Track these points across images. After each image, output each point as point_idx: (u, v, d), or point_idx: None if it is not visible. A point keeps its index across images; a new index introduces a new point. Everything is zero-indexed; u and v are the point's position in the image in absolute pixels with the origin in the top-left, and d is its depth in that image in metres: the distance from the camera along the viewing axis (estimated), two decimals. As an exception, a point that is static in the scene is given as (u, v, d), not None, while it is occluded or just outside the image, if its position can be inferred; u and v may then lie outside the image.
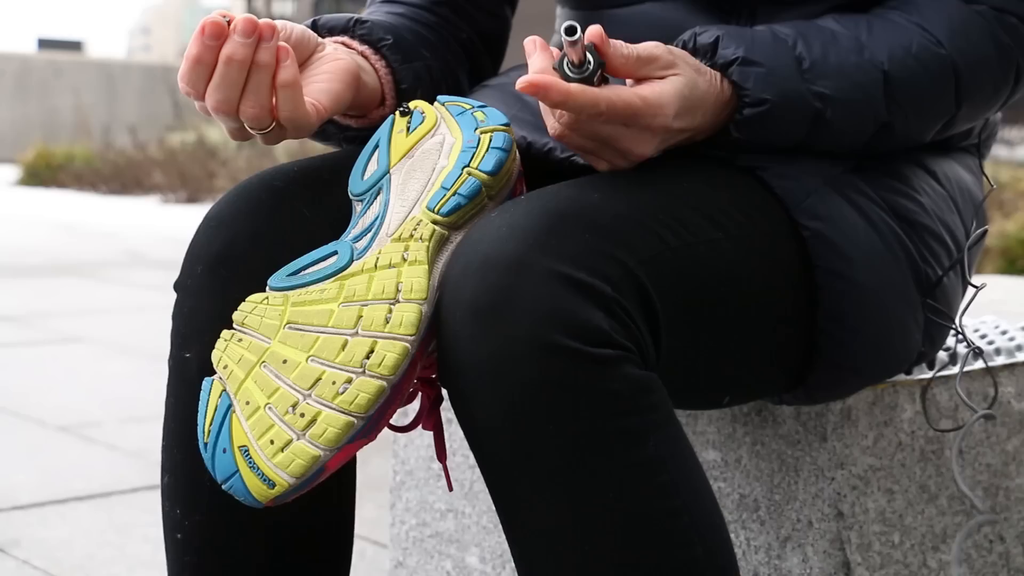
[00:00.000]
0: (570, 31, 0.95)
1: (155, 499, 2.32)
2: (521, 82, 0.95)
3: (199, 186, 10.79)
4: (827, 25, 1.11)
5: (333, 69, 1.07)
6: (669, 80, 1.00)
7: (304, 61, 1.07)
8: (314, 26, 1.16)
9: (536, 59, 1.00)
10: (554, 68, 0.98)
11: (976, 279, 1.22)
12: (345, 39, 1.15)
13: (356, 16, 1.17)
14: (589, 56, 0.98)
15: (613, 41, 0.99)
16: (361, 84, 1.10)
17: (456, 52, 1.27)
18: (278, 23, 1.04)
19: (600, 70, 0.98)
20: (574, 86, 0.96)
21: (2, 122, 18.70)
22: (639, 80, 1.01)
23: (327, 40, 1.13)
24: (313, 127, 1.04)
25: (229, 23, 0.98)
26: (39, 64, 19.86)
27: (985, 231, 1.22)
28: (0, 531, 2.15)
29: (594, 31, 0.97)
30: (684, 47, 1.06)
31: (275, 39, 0.99)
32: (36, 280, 5.52)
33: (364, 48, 1.15)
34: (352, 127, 1.17)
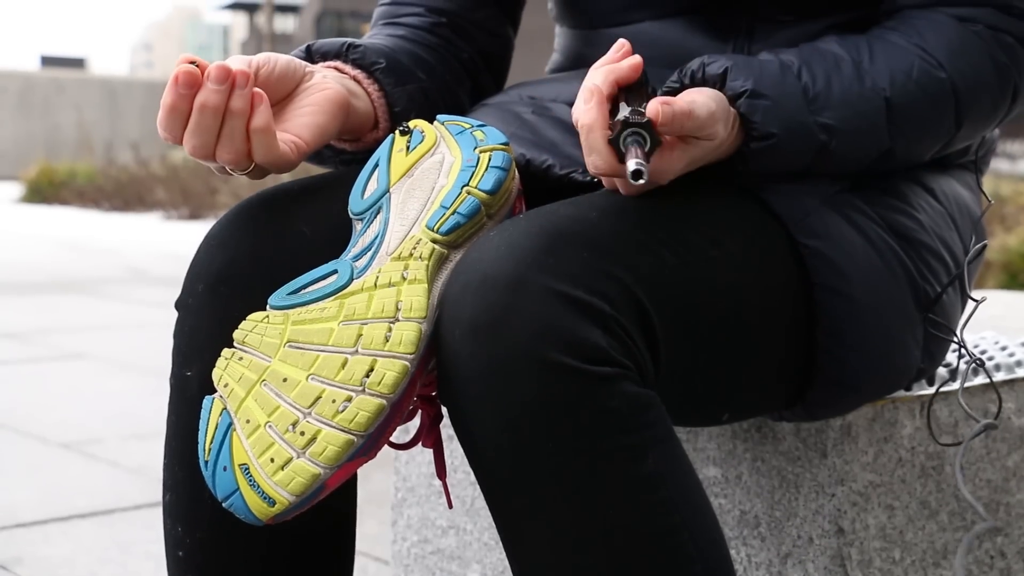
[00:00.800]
0: (636, 175, 0.93)
1: (157, 516, 2.31)
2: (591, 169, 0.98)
3: (201, 203, 10.82)
4: (829, 49, 1.11)
5: (318, 101, 1.07)
6: (696, 145, 1.00)
7: (291, 92, 1.08)
8: (308, 51, 1.17)
9: (589, 111, 0.98)
10: (610, 142, 0.96)
11: (976, 294, 1.22)
12: (338, 64, 1.16)
13: (350, 41, 1.17)
14: (645, 137, 0.95)
15: (673, 114, 0.96)
16: (351, 110, 1.11)
17: (457, 72, 1.27)
18: (261, 58, 1.05)
19: (653, 149, 0.96)
20: (599, 156, 0.96)
21: (5, 139, 18.73)
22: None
23: (318, 66, 1.13)
24: (293, 165, 1.05)
25: (203, 71, 1.00)
26: (42, 81, 19.92)
27: (984, 247, 1.23)
28: (2, 548, 2.15)
29: (655, 112, 0.95)
30: (692, 77, 1.06)
31: (249, 85, 1.00)
32: (38, 297, 5.52)
33: (357, 72, 1.15)
34: (347, 151, 1.18)
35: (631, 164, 0.93)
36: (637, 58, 1.02)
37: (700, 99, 0.99)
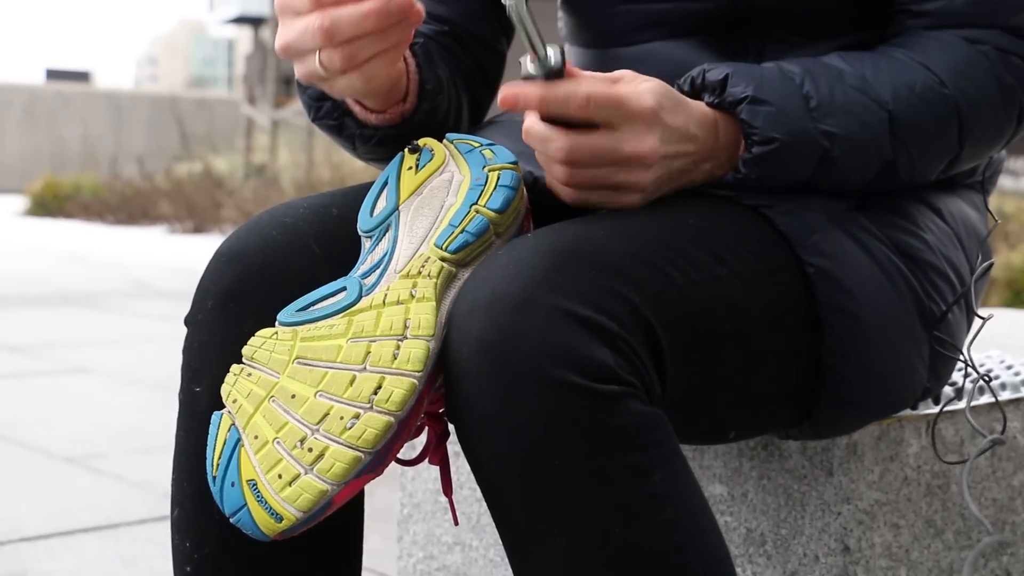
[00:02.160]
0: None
1: (162, 531, 2.32)
2: (500, 100, 0.99)
3: (206, 216, 10.84)
4: (833, 63, 1.12)
5: (395, 60, 1.08)
6: (640, 81, 1.02)
7: None
8: None
9: (527, 124, 1.02)
10: (523, 78, 0.99)
11: (982, 312, 1.22)
12: None
13: None
14: (551, 52, 0.98)
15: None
16: (400, 71, 1.12)
17: (457, 81, 1.28)
18: None
19: (563, 68, 0.99)
20: (546, 85, 0.98)
21: (10, 153, 18.76)
22: None
23: None
24: (361, 94, 1.07)
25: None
26: (47, 95, 19.96)
27: (990, 266, 1.23)
28: (7, 563, 2.15)
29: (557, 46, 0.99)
30: (692, 83, 1.08)
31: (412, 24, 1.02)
32: (43, 310, 5.53)
33: None
34: (369, 125, 1.17)
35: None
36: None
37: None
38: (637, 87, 1.02)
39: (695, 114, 1.05)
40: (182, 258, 8.21)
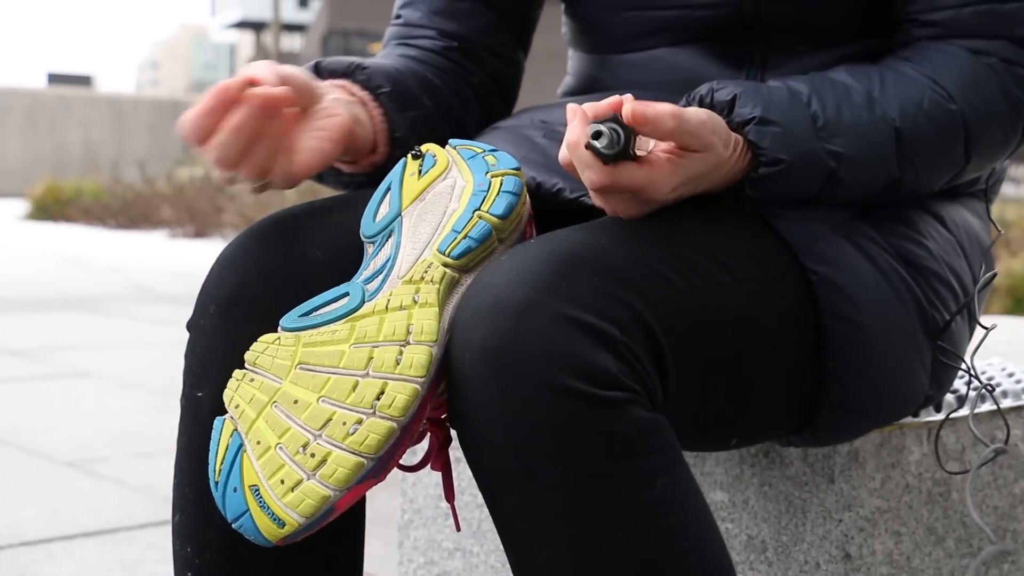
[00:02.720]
0: (596, 135, 0.96)
1: (162, 535, 2.32)
2: (569, 109, 1.00)
3: (207, 221, 10.84)
4: (840, 79, 1.11)
5: (328, 126, 1.09)
6: (691, 157, 1.00)
7: (306, 111, 1.09)
8: (316, 68, 1.18)
9: (572, 129, 1.00)
10: (585, 146, 0.97)
11: (984, 320, 1.22)
12: (346, 83, 1.17)
13: (358, 61, 1.19)
14: (621, 134, 0.96)
15: (658, 112, 0.96)
16: (354, 137, 1.12)
17: (466, 96, 1.28)
18: (287, 72, 1.06)
19: (626, 146, 0.97)
20: (580, 148, 0.97)
21: (12, 157, 18.77)
22: (674, 147, 1.00)
23: (327, 83, 1.15)
24: (297, 184, 1.07)
25: (246, 88, 1.01)
26: (48, 99, 19.97)
27: (993, 275, 1.23)
28: (7, 568, 2.15)
29: (627, 112, 0.96)
30: (701, 102, 1.07)
31: (287, 106, 1.03)
32: (44, 314, 5.53)
33: (364, 95, 1.17)
34: (344, 172, 1.19)
35: (591, 128, 0.95)
36: (628, 96, 1.01)
37: (691, 108, 0.99)
38: (667, 175, 0.99)
39: (715, 175, 1.04)
40: (183, 262, 8.21)
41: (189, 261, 8.25)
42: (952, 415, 1.31)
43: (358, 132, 1.14)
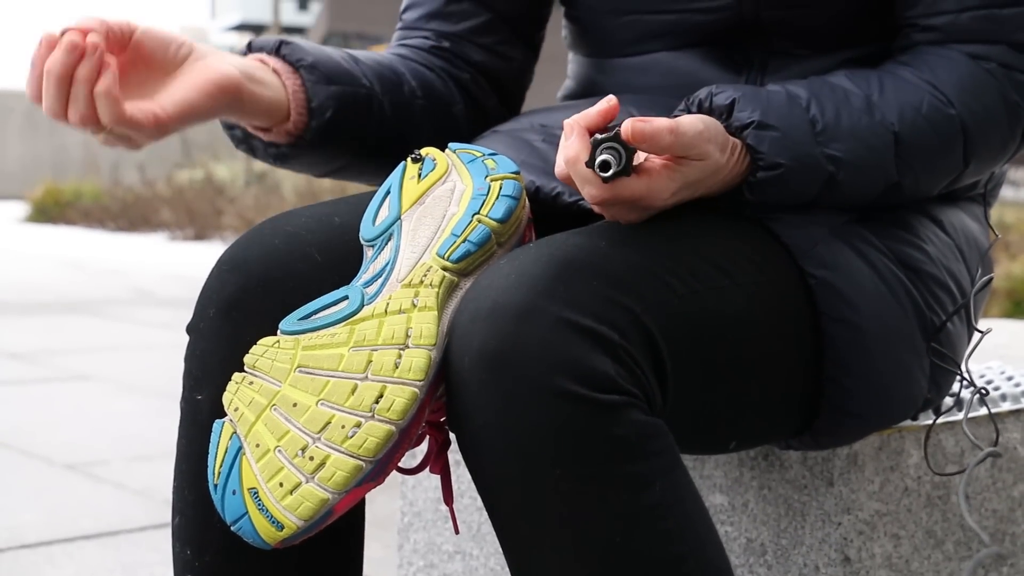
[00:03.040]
0: (604, 167, 0.96)
1: (162, 538, 2.32)
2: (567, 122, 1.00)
3: (206, 223, 10.83)
4: (839, 83, 1.12)
5: (194, 80, 1.09)
6: (688, 164, 1.00)
7: (173, 70, 1.10)
8: (248, 48, 1.21)
9: (571, 145, 1.00)
10: (586, 164, 0.98)
11: (982, 323, 1.22)
12: (262, 56, 1.19)
13: (285, 39, 1.21)
14: (623, 154, 0.97)
15: (656, 129, 0.96)
16: (246, 95, 1.13)
17: (450, 91, 1.29)
18: (134, 27, 1.09)
19: (626, 166, 0.97)
20: (579, 163, 0.98)
21: (11, 159, 18.77)
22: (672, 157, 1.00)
23: (247, 58, 1.17)
24: (152, 135, 1.07)
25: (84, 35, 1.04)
26: (49, 101, 19.92)
27: (991, 279, 1.23)
28: (7, 570, 2.15)
29: (627, 130, 0.96)
30: (699, 106, 1.07)
31: (98, 54, 1.03)
32: (44, 317, 5.53)
33: (278, 64, 1.18)
34: (273, 144, 1.20)
35: (599, 158, 0.95)
36: (612, 98, 1.02)
37: (687, 119, 1.00)
38: (664, 181, 0.99)
39: (713, 180, 1.04)
40: (183, 265, 8.21)
41: (189, 264, 8.25)
42: (948, 419, 1.31)
43: (256, 92, 1.14)
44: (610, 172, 0.96)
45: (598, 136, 0.97)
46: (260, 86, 1.14)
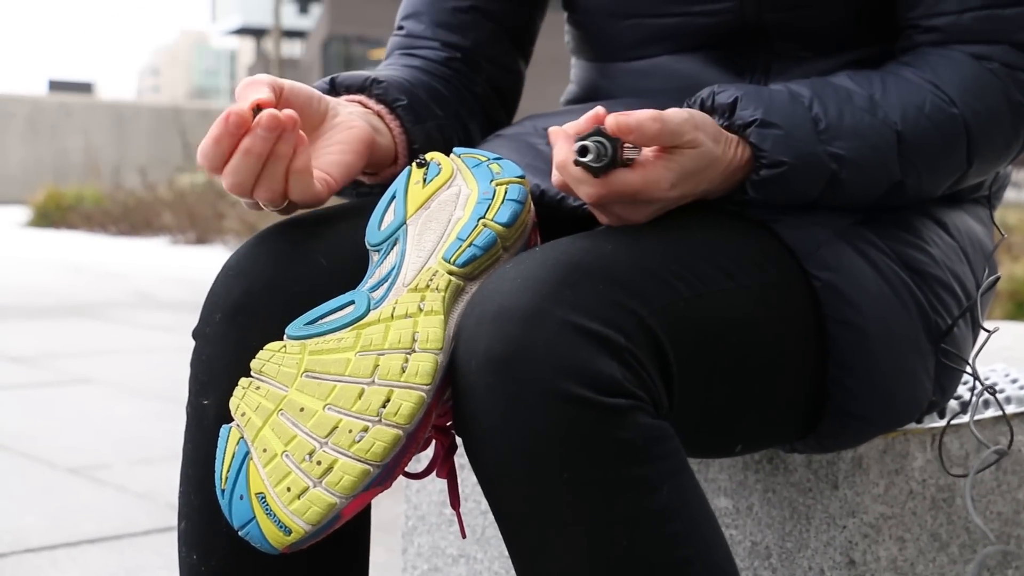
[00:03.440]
0: (582, 151, 0.97)
1: (166, 541, 2.32)
2: (551, 131, 1.01)
3: (208, 227, 10.83)
4: (842, 83, 1.12)
5: (347, 139, 1.09)
6: (680, 153, 1.01)
7: (317, 127, 1.10)
8: (332, 84, 1.19)
9: (558, 151, 1.01)
10: (574, 163, 0.99)
11: (987, 325, 1.22)
12: (362, 98, 1.18)
13: (372, 76, 1.19)
14: (608, 147, 0.98)
15: (640, 119, 0.98)
16: (375, 147, 1.13)
17: (470, 105, 1.29)
18: (287, 86, 1.06)
19: (614, 156, 0.99)
20: (570, 164, 0.99)
21: (13, 163, 18.78)
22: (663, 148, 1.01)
23: (342, 99, 1.15)
24: (323, 201, 1.07)
25: (256, 111, 1.01)
26: (49, 106, 19.98)
27: (997, 279, 1.23)
28: (10, 574, 2.15)
29: (611, 123, 0.98)
30: (702, 106, 1.08)
31: (295, 130, 1.02)
32: (45, 321, 5.53)
33: (380, 108, 1.17)
34: (364, 183, 1.20)
35: (576, 145, 0.96)
36: (599, 108, 1.02)
37: (672, 109, 1.01)
38: (662, 172, 1.00)
39: (712, 173, 1.04)
40: (184, 269, 8.21)
41: (190, 267, 8.26)
42: (955, 421, 1.31)
43: (379, 142, 1.14)
44: (592, 159, 0.96)
45: (580, 135, 0.98)
46: (379, 136, 1.15)
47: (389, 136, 1.17)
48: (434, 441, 1.04)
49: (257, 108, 1.01)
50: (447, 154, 1.08)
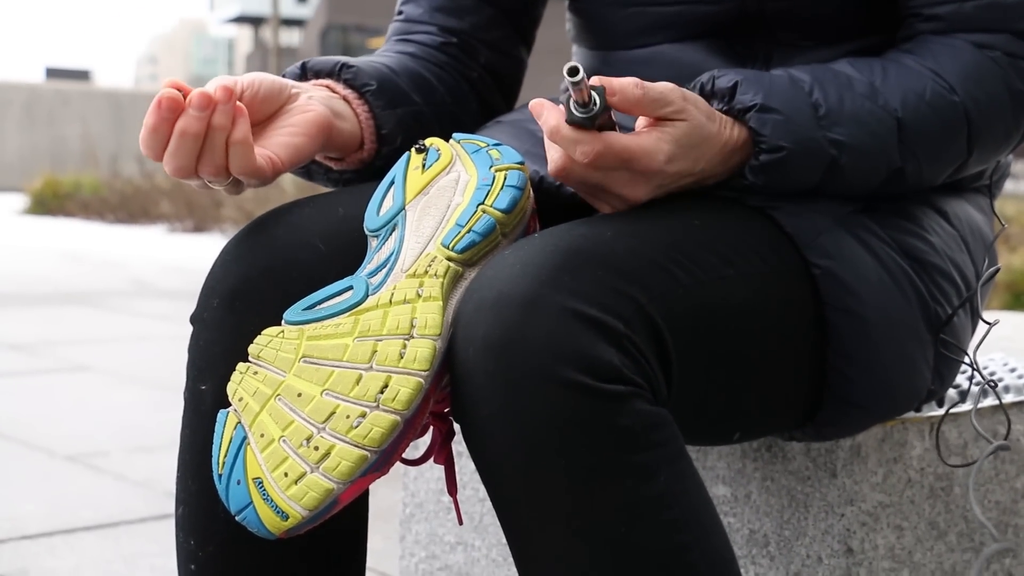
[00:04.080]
0: (572, 72, 0.97)
1: (163, 529, 2.32)
2: (532, 104, 1.01)
3: (206, 216, 10.83)
4: (842, 70, 1.12)
5: (299, 122, 1.09)
6: (672, 125, 1.02)
7: (276, 111, 1.10)
8: (303, 68, 1.18)
9: (546, 118, 1.02)
10: (560, 103, 1.00)
11: (987, 316, 1.22)
12: (330, 83, 1.17)
13: (344, 60, 1.19)
14: (595, 96, 0.99)
15: (622, 82, 1.00)
16: (335, 131, 1.12)
17: (463, 91, 1.29)
18: (246, 80, 1.07)
19: (606, 112, 0.99)
20: (564, 126, 0.99)
21: (10, 151, 18.76)
22: (651, 120, 1.02)
23: (309, 84, 1.15)
24: (268, 180, 1.07)
25: (186, 95, 1.01)
26: (47, 93, 19.95)
27: (997, 270, 1.23)
28: (8, 561, 2.15)
29: (597, 78, 0.99)
30: (702, 90, 1.08)
31: (232, 101, 1.02)
32: (43, 309, 5.53)
33: (347, 92, 1.17)
34: (334, 169, 1.19)
35: (567, 66, 0.97)
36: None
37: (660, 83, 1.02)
38: (657, 141, 1.01)
39: (711, 151, 1.04)
40: (182, 257, 8.21)
41: (188, 256, 8.25)
42: (954, 410, 1.31)
43: (340, 127, 1.13)
44: (584, 109, 0.97)
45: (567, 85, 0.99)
46: (341, 120, 1.14)
47: (355, 121, 1.16)
48: (432, 427, 1.03)
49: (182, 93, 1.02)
50: (445, 139, 1.08)
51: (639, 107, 1.00)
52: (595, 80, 0.99)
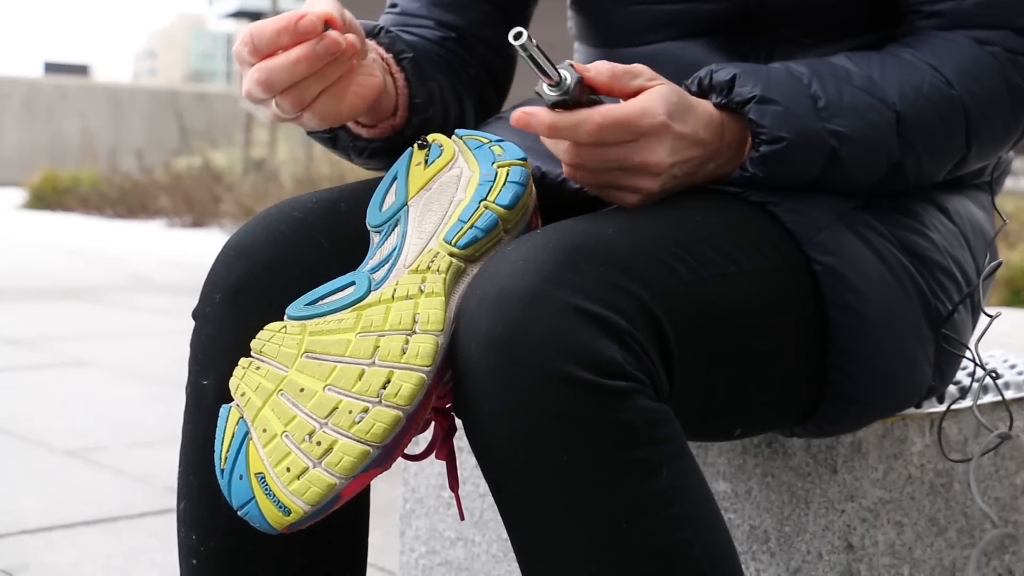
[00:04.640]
0: (517, 36, 0.97)
1: (162, 524, 2.32)
2: (513, 119, 1.00)
3: (204, 210, 10.83)
4: (840, 63, 1.12)
5: (365, 85, 1.08)
6: (653, 88, 1.04)
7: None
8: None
9: (535, 113, 1.02)
10: (537, 93, 1.01)
11: (988, 310, 1.22)
12: (373, 44, 1.16)
13: (380, 24, 1.19)
14: (563, 73, 0.99)
15: (593, 64, 1.03)
16: (381, 98, 1.12)
17: (465, 85, 1.28)
18: (355, 33, 1.04)
19: (579, 85, 1.00)
20: (555, 115, 1.00)
21: (9, 146, 18.75)
22: (628, 95, 1.04)
23: (371, 42, 1.14)
24: (325, 127, 1.06)
25: (324, 28, 0.99)
26: (46, 88, 19.94)
27: (998, 264, 1.23)
28: (8, 556, 2.15)
29: (568, 62, 1.01)
30: (700, 84, 1.08)
31: (352, 58, 1.02)
32: (42, 303, 5.53)
33: (388, 57, 1.17)
34: (362, 138, 1.18)
35: (511, 34, 0.97)
36: None
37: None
38: (648, 100, 1.03)
39: (703, 117, 1.06)
40: (181, 252, 8.21)
41: (187, 251, 8.25)
42: (955, 406, 1.32)
43: (384, 95, 1.13)
44: (559, 89, 0.99)
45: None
46: (386, 88, 1.13)
47: (392, 86, 1.16)
48: (433, 423, 1.03)
49: (326, 27, 0.99)
50: (448, 135, 1.08)
51: (613, 79, 1.02)
52: (567, 63, 1.01)
